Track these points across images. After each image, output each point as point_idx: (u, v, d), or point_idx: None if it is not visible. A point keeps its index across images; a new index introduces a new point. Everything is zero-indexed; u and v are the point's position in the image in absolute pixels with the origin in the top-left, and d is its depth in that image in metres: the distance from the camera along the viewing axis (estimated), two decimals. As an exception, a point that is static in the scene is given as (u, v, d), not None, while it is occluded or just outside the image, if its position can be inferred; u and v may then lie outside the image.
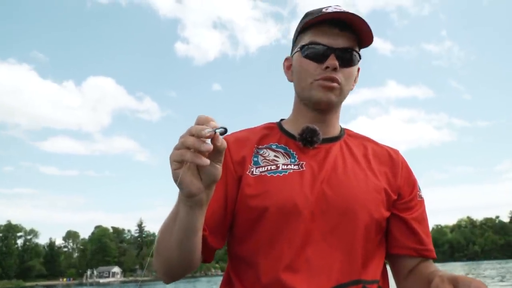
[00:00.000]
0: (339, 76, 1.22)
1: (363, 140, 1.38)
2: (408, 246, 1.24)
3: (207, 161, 0.92)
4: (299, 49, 1.27)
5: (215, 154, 0.94)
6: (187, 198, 0.97)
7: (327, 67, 1.20)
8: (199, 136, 0.91)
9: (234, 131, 1.35)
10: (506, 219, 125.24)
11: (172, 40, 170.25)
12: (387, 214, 1.23)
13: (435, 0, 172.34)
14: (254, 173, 1.21)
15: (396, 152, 1.36)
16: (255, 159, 1.24)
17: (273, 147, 1.28)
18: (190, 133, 0.92)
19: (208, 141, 0.92)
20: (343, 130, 1.36)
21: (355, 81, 1.32)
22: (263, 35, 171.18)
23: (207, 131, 0.92)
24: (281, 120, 1.39)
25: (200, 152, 0.91)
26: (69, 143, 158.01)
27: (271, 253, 1.14)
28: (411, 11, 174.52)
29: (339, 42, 1.22)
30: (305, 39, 1.25)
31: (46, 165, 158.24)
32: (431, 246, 1.26)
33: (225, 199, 1.19)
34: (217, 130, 0.94)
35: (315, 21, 1.23)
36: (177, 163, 0.94)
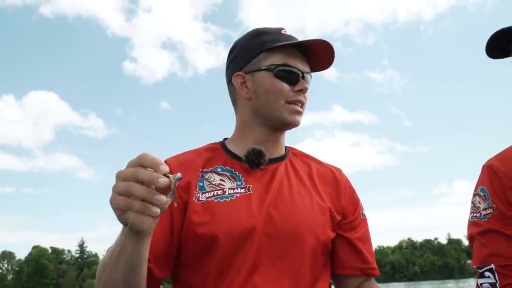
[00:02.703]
0: (305, 99, 1.30)
1: (307, 159, 1.40)
2: (352, 266, 1.26)
3: (158, 211, 0.84)
4: (268, 68, 1.26)
5: (165, 191, 0.85)
6: (136, 234, 0.89)
7: (300, 90, 1.26)
8: (150, 185, 0.82)
9: (177, 153, 1.32)
10: (444, 241, 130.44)
11: (120, 58, 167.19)
12: (332, 235, 1.25)
13: (380, 31, 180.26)
14: (200, 199, 1.19)
15: (339, 171, 1.39)
16: (201, 184, 1.22)
17: (219, 170, 1.26)
18: (138, 179, 0.82)
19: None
20: (287, 149, 1.38)
21: None
22: (213, 57, 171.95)
23: (162, 181, 0.81)
24: (225, 139, 1.37)
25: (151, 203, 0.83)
26: (6, 158, 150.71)
27: (220, 281, 1.13)
28: (357, 40, 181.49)
29: (305, 67, 1.29)
30: (275, 60, 1.26)
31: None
32: (375, 264, 1.29)
33: (170, 228, 1.16)
34: (175, 178, 0.84)
35: (289, 44, 1.27)
36: (121, 210, 0.84)
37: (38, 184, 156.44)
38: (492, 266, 1.30)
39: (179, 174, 0.85)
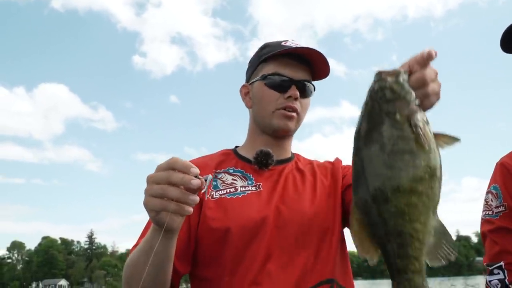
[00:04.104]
0: (298, 105, 1.35)
1: (310, 161, 1.51)
2: None
3: (191, 210, 0.92)
4: (261, 78, 1.37)
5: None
6: (166, 232, 0.97)
7: (289, 97, 1.33)
8: (185, 188, 0.89)
9: (192, 158, 1.44)
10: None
11: (130, 52, 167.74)
12: (338, 218, 1.32)
13: (389, 27, 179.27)
14: (214, 196, 1.29)
15: (336, 158, 1.50)
16: (214, 183, 1.33)
17: (231, 171, 1.37)
18: (171, 182, 0.89)
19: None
20: (293, 154, 1.50)
21: None
22: (223, 52, 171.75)
23: (195, 182, 0.87)
24: (236, 147, 1.50)
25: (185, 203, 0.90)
26: (17, 150, 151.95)
27: (236, 272, 1.22)
28: (366, 36, 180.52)
29: (299, 74, 1.35)
30: (267, 69, 1.36)
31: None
32: None
33: (188, 225, 1.25)
34: (207, 180, 0.90)
35: (279, 53, 1.34)
36: (156, 212, 0.92)
37: (47, 176, 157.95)
38: (502, 263, 1.32)
39: (210, 176, 0.93)
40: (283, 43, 1.38)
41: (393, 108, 0.82)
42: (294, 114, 1.35)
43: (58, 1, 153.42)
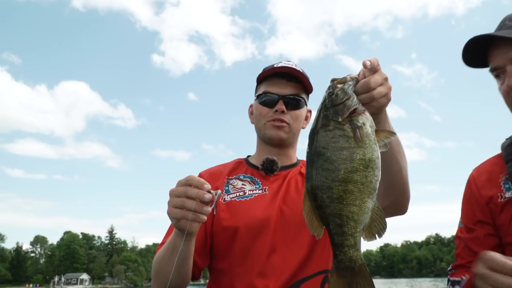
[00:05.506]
0: (287, 117, 1.62)
1: None
2: None
3: (205, 218, 1.19)
4: (256, 97, 1.69)
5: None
6: (186, 235, 1.23)
7: (276, 111, 1.61)
8: (200, 200, 1.16)
9: (209, 167, 1.74)
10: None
11: (149, 51, 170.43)
12: None
13: (409, 25, 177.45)
14: (226, 199, 1.57)
15: None
16: (226, 188, 1.61)
17: (241, 177, 1.65)
18: (188, 196, 1.17)
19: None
20: (299, 160, 1.74)
21: (306, 120, 1.72)
22: (241, 50, 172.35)
23: (208, 196, 1.15)
24: (248, 156, 1.78)
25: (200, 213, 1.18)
26: (39, 146, 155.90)
27: (244, 264, 1.48)
28: (385, 34, 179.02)
29: (287, 90, 1.62)
30: (261, 89, 1.66)
31: (13, 167, 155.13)
32: None
33: (204, 225, 1.53)
34: (217, 194, 1.18)
35: (266, 75, 1.64)
36: (177, 219, 1.20)
37: (68, 172, 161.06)
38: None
39: (219, 191, 1.21)
40: (275, 65, 1.65)
41: (336, 111, 1.05)
42: (283, 124, 1.61)
43: (79, 0, 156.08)
